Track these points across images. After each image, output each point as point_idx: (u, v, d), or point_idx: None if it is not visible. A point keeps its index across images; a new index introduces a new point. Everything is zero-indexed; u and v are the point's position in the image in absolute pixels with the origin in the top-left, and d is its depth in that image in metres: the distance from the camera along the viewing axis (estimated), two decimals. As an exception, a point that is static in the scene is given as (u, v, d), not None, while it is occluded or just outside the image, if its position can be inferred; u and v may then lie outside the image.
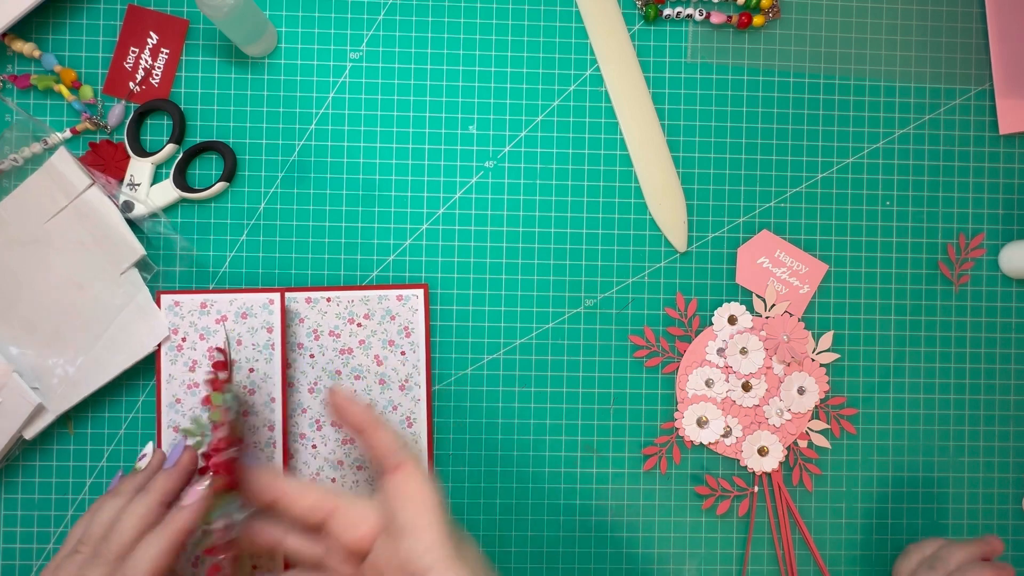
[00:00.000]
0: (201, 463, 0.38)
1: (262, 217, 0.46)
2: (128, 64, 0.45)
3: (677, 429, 0.47)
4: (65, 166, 0.43)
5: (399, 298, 0.46)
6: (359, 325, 0.45)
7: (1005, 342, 0.49)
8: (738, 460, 0.48)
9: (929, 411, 0.49)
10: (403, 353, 0.45)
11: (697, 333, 0.48)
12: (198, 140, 0.46)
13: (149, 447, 0.39)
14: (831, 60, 0.49)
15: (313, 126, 0.46)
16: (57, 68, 0.45)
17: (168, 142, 0.45)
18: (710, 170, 0.48)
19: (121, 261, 0.43)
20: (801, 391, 0.47)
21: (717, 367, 0.47)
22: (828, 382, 0.48)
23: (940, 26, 0.50)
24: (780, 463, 0.47)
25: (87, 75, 0.46)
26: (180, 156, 0.45)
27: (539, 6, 0.48)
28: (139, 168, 0.45)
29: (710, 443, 0.47)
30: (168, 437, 0.44)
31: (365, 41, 0.47)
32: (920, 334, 0.49)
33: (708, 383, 0.47)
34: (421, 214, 0.47)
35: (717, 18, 0.47)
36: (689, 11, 0.48)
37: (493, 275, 0.47)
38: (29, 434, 0.43)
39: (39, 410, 0.43)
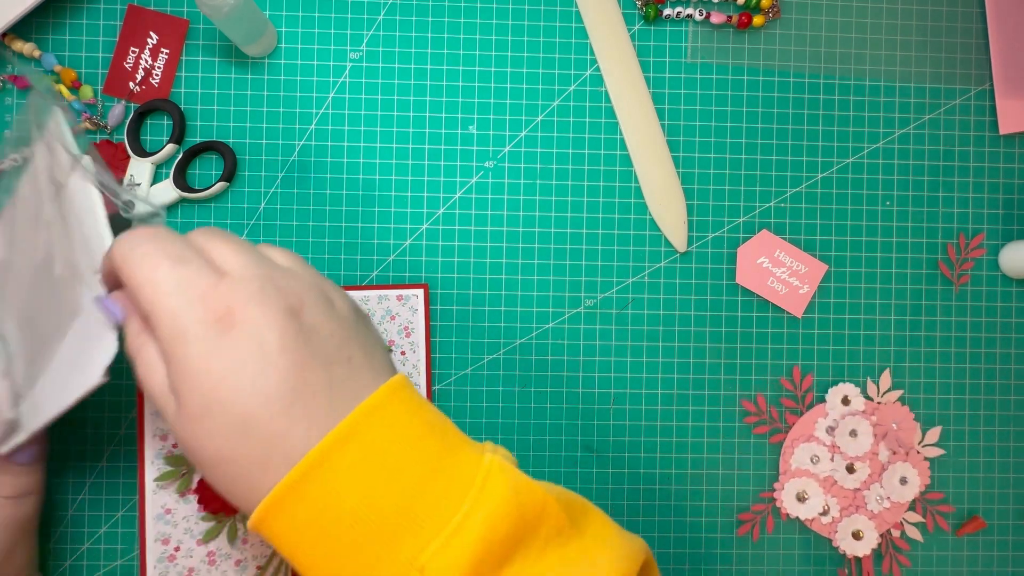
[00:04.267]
0: None
1: (262, 217, 0.46)
2: (128, 64, 0.45)
3: (775, 500, 0.48)
4: (60, 137, 0.38)
5: (399, 298, 0.46)
6: (359, 325, 0.45)
7: (1005, 342, 0.49)
8: (831, 540, 0.48)
9: (929, 411, 0.49)
10: (403, 353, 0.45)
11: (808, 408, 0.48)
12: (198, 140, 0.46)
13: None
14: (831, 60, 0.49)
15: (313, 126, 0.46)
16: (57, 68, 0.45)
17: (168, 142, 0.45)
18: (710, 170, 0.48)
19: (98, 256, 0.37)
20: (903, 481, 0.47)
21: (824, 445, 0.47)
22: (930, 476, 0.48)
23: (940, 26, 0.50)
24: (872, 550, 0.47)
25: (87, 75, 0.46)
26: (180, 156, 0.45)
27: (539, 6, 0.48)
28: (139, 168, 0.45)
29: (807, 519, 0.47)
30: (155, 446, 0.44)
31: (365, 41, 0.47)
32: (920, 334, 0.49)
33: (813, 459, 0.47)
34: (421, 214, 0.47)
35: (717, 18, 0.47)
36: (689, 11, 0.48)
37: (493, 275, 0.47)
38: (3, 449, 0.38)
39: (12, 427, 0.37)
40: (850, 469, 0.47)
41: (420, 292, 0.46)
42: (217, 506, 0.42)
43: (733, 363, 0.48)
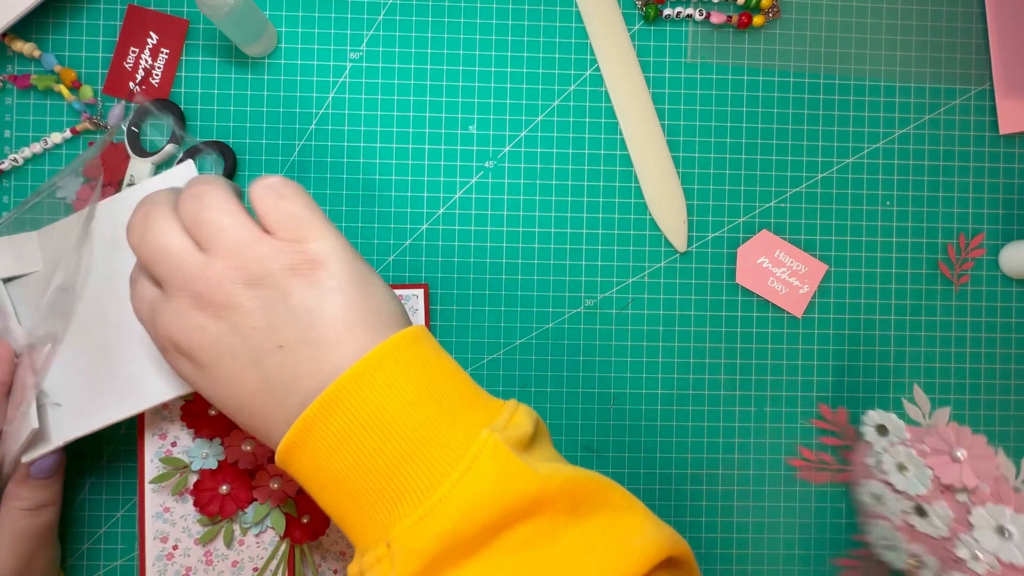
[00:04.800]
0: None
1: (262, 217, 0.46)
2: (128, 64, 0.45)
3: (867, 544, 0.43)
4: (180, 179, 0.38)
5: (399, 298, 0.45)
6: (359, 325, 0.45)
7: (1005, 342, 0.49)
8: None
9: (929, 411, 0.49)
10: (403, 353, 0.45)
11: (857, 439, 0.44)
12: (198, 140, 0.46)
13: None
14: (831, 60, 0.49)
15: (313, 126, 0.46)
16: (57, 68, 0.45)
17: (168, 142, 0.45)
18: (710, 170, 0.48)
19: None
20: (1005, 533, 0.34)
21: (883, 481, 0.40)
22: None
23: (940, 26, 0.50)
24: None
25: (87, 75, 0.46)
26: (180, 156, 0.45)
27: (539, 6, 0.48)
28: (139, 168, 0.45)
29: (905, 570, 0.40)
30: (154, 445, 0.44)
31: (365, 41, 0.47)
32: (920, 334, 0.49)
33: (876, 499, 0.41)
34: (421, 214, 0.47)
35: (717, 18, 0.47)
36: (689, 11, 0.48)
37: (493, 275, 0.47)
38: (26, 458, 0.38)
39: (37, 437, 0.37)
40: (920, 511, 0.38)
41: (420, 292, 0.46)
42: (213, 509, 0.42)
43: (733, 363, 0.48)
